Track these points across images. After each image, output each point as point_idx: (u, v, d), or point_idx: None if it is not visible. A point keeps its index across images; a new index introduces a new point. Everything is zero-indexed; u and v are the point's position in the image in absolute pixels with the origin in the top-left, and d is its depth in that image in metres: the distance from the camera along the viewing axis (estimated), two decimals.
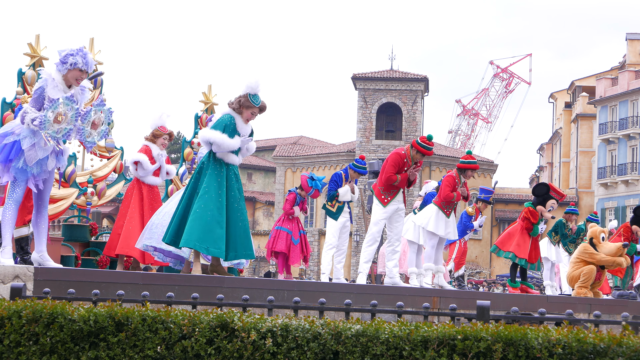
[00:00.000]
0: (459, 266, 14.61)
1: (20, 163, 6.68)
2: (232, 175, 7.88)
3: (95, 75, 8.29)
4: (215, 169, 7.80)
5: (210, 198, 7.63)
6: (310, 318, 4.36)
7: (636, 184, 47.79)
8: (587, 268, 11.97)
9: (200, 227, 7.51)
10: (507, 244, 12.18)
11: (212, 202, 7.61)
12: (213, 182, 7.71)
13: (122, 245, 9.45)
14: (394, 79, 52.58)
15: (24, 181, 6.79)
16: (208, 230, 7.52)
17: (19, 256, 7.45)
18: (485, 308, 4.53)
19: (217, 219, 7.58)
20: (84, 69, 6.85)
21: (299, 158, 55.51)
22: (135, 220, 9.51)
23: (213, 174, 7.77)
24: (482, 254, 52.64)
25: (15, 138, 6.68)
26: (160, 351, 4.45)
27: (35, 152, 6.69)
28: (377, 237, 10.18)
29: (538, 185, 12.45)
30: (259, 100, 7.88)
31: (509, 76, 72.82)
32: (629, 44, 53.32)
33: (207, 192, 7.65)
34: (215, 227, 7.56)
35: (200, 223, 7.52)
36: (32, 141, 6.66)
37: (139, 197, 9.73)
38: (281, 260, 12.95)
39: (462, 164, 11.03)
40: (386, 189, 10.02)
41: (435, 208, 11.10)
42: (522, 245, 12.04)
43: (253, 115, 7.91)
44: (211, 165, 7.82)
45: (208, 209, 7.57)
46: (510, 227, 12.50)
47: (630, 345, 3.78)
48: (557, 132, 62.53)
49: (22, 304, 4.70)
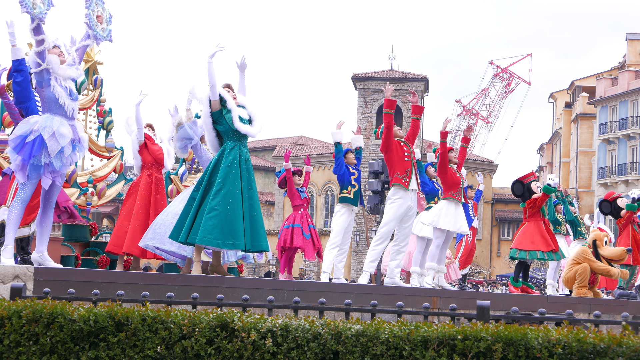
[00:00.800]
0: (464, 265, 14.60)
1: (41, 158, 6.71)
2: (244, 164, 7.98)
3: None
4: (228, 160, 7.89)
5: (227, 193, 7.72)
6: (310, 318, 4.36)
7: (636, 184, 47.76)
8: (580, 267, 11.96)
9: (221, 224, 7.60)
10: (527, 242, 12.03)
11: (229, 196, 7.72)
12: (228, 176, 7.80)
13: (129, 243, 9.39)
14: (394, 79, 52.56)
15: (35, 179, 6.82)
16: (229, 227, 7.62)
17: (19, 256, 7.46)
18: (485, 308, 4.53)
19: (235, 213, 7.69)
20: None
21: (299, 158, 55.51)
22: (140, 218, 9.46)
23: (226, 166, 7.86)
24: (482, 254, 52.62)
25: (35, 135, 6.75)
26: (160, 351, 4.45)
27: (57, 140, 6.78)
28: (388, 236, 10.03)
29: (513, 187, 12.36)
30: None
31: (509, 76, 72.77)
32: (629, 44, 53.32)
33: (223, 187, 7.74)
34: (234, 222, 7.66)
35: (220, 220, 7.60)
36: (51, 130, 6.76)
37: (143, 194, 9.66)
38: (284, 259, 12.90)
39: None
40: (402, 171, 9.84)
41: (443, 202, 11.03)
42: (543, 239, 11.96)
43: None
44: (224, 158, 7.91)
45: (227, 204, 7.66)
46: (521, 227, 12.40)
47: (630, 345, 3.78)
48: (557, 132, 62.54)
49: (22, 304, 4.70)
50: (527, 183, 12.17)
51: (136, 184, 9.79)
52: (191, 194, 8.08)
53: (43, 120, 6.80)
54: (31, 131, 6.79)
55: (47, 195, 7.08)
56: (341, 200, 10.98)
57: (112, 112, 12.20)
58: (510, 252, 12.36)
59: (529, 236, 12.00)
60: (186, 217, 7.86)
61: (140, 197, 9.61)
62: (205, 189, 7.86)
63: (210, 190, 7.81)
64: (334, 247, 11.29)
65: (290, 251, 12.82)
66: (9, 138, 6.98)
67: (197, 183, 8.06)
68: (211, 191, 7.77)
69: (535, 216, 12.08)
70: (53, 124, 6.78)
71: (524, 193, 12.17)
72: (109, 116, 12.12)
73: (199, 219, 7.73)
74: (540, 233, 11.98)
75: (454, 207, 10.94)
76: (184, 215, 7.93)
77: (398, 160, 9.83)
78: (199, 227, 7.68)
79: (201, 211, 7.76)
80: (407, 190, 9.79)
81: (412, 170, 9.87)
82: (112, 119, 12.19)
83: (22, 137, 6.80)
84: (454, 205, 10.95)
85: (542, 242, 11.91)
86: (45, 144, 6.73)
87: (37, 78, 6.83)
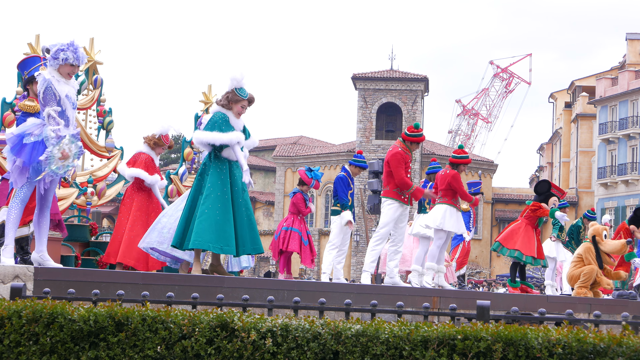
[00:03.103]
0: (460, 266, 14.67)
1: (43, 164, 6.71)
2: (235, 169, 7.92)
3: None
4: (217, 166, 7.84)
5: (216, 197, 7.68)
6: (310, 318, 4.36)
7: (636, 184, 47.78)
8: (587, 268, 11.92)
9: (211, 227, 7.56)
10: (511, 241, 12.05)
11: (218, 201, 7.67)
12: (216, 181, 7.75)
13: (124, 253, 9.40)
14: (394, 79, 52.58)
15: (34, 181, 6.82)
16: (219, 230, 7.58)
17: (19, 256, 7.46)
18: (485, 308, 4.53)
19: (225, 217, 7.65)
20: (75, 63, 6.92)
21: (299, 158, 55.51)
22: (137, 229, 9.46)
23: (215, 172, 7.81)
24: (482, 254, 52.64)
25: (36, 139, 6.74)
26: (160, 351, 4.45)
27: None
28: (386, 237, 10.27)
29: (540, 183, 12.41)
30: (246, 93, 7.97)
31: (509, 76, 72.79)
32: (629, 44, 53.33)
33: (212, 192, 7.69)
34: (225, 226, 7.62)
35: (210, 223, 7.57)
36: (55, 139, 6.75)
37: (139, 204, 9.66)
38: (283, 260, 12.92)
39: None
40: (402, 189, 10.11)
41: (444, 206, 11.13)
42: (528, 242, 11.94)
43: (243, 108, 7.99)
44: (212, 164, 7.85)
45: (216, 209, 7.63)
46: (512, 224, 12.39)
47: (630, 345, 3.78)
48: (557, 132, 62.55)
49: (22, 304, 4.70)
50: (551, 193, 12.14)
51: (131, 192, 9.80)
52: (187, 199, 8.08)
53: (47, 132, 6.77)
54: (31, 133, 6.77)
55: (44, 197, 7.07)
56: (335, 213, 11.31)
57: (112, 112, 12.20)
58: (494, 244, 12.40)
59: (515, 235, 12.02)
60: (182, 223, 7.87)
61: (136, 206, 9.63)
62: (195, 193, 7.84)
63: (199, 195, 7.80)
64: (333, 248, 11.36)
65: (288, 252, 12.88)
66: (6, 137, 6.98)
67: (191, 187, 8.07)
68: (201, 196, 7.75)
69: (531, 219, 12.09)
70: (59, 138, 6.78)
71: (541, 194, 12.15)
72: (109, 116, 12.11)
73: (192, 224, 7.72)
74: (528, 235, 11.95)
75: (455, 210, 11.14)
76: (181, 221, 7.94)
77: (404, 187, 10.13)
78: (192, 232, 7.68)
79: (193, 216, 7.74)
80: (407, 205, 10.18)
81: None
82: (112, 119, 12.19)
83: (20, 137, 6.78)
84: (455, 209, 11.14)
85: (526, 245, 11.88)
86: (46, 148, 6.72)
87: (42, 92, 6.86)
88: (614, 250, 11.97)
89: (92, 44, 11.68)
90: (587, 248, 12.09)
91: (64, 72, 6.92)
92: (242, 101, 7.93)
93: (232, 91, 7.90)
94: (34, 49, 10.37)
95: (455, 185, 11.08)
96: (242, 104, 7.94)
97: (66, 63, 6.87)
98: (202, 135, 7.83)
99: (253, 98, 8.05)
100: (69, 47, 6.90)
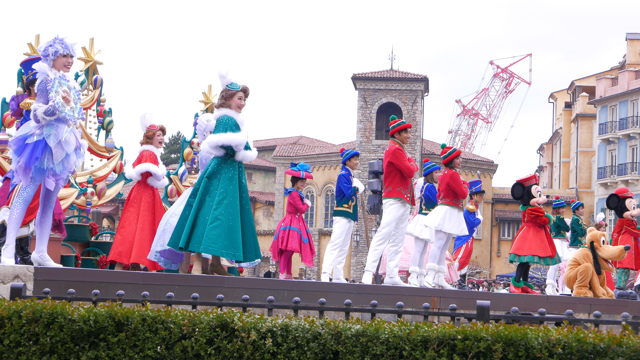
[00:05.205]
0: (462, 266, 14.70)
1: (45, 162, 6.71)
2: (241, 175, 7.98)
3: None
4: (229, 171, 7.88)
5: (229, 203, 7.72)
6: (310, 318, 4.36)
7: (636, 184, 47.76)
8: (582, 267, 11.94)
9: (224, 233, 7.61)
10: (525, 248, 12.05)
11: (230, 207, 7.72)
12: (229, 186, 7.80)
13: (137, 254, 9.28)
14: (394, 79, 52.57)
15: (38, 181, 6.82)
16: (231, 237, 7.64)
17: (19, 256, 7.46)
18: (485, 308, 4.53)
19: (236, 224, 7.71)
20: (66, 53, 6.98)
21: (299, 158, 55.50)
22: (147, 229, 9.42)
23: (227, 177, 7.85)
24: (482, 254, 52.64)
25: (38, 138, 6.75)
26: (160, 351, 4.45)
27: (62, 148, 6.80)
28: (389, 236, 10.26)
29: (514, 189, 12.37)
30: (238, 85, 8.08)
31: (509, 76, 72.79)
32: (629, 44, 53.34)
33: (225, 198, 7.73)
34: (235, 232, 7.69)
35: (223, 229, 7.61)
36: (57, 139, 6.76)
37: (147, 203, 9.62)
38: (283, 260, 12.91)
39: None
40: (404, 187, 10.09)
41: (445, 207, 11.14)
42: (541, 243, 11.97)
43: (241, 100, 8.09)
44: (224, 168, 7.87)
45: (228, 214, 7.68)
46: (518, 233, 12.41)
47: (630, 345, 3.78)
48: (557, 132, 62.55)
49: (22, 304, 4.70)
50: (528, 186, 12.16)
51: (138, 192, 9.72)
52: (188, 199, 8.03)
53: (48, 127, 6.78)
54: (33, 134, 6.78)
55: (47, 197, 7.08)
56: (340, 214, 11.24)
57: (112, 112, 12.20)
58: (510, 256, 12.43)
59: (527, 241, 12.03)
60: (184, 223, 7.83)
61: (144, 206, 9.57)
62: (203, 196, 7.82)
63: (208, 198, 7.78)
64: (335, 248, 11.35)
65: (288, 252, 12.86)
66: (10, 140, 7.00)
67: (194, 188, 8.03)
68: (212, 200, 7.74)
69: (535, 221, 12.09)
70: (59, 131, 6.78)
71: (523, 195, 12.16)
72: (109, 116, 12.11)
73: (200, 227, 7.70)
74: (539, 237, 11.97)
75: (456, 211, 11.14)
76: (182, 221, 7.90)
77: (410, 173, 10.18)
78: (201, 236, 7.65)
79: (201, 219, 7.73)
80: (408, 203, 10.19)
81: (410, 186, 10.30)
82: (112, 119, 12.18)
83: (23, 138, 6.80)
84: (457, 210, 11.13)
85: (540, 247, 11.91)
86: (48, 148, 6.73)
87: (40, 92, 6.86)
88: (612, 256, 11.98)
89: (92, 44, 11.68)
90: (585, 254, 12.10)
91: (60, 65, 6.96)
92: (237, 93, 8.04)
93: (225, 89, 8.05)
94: (34, 49, 10.37)
95: (454, 184, 11.08)
96: (238, 96, 8.05)
97: (58, 55, 6.93)
98: (219, 137, 7.84)
99: (246, 88, 8.15)
100: (54, 40, 6.99)
